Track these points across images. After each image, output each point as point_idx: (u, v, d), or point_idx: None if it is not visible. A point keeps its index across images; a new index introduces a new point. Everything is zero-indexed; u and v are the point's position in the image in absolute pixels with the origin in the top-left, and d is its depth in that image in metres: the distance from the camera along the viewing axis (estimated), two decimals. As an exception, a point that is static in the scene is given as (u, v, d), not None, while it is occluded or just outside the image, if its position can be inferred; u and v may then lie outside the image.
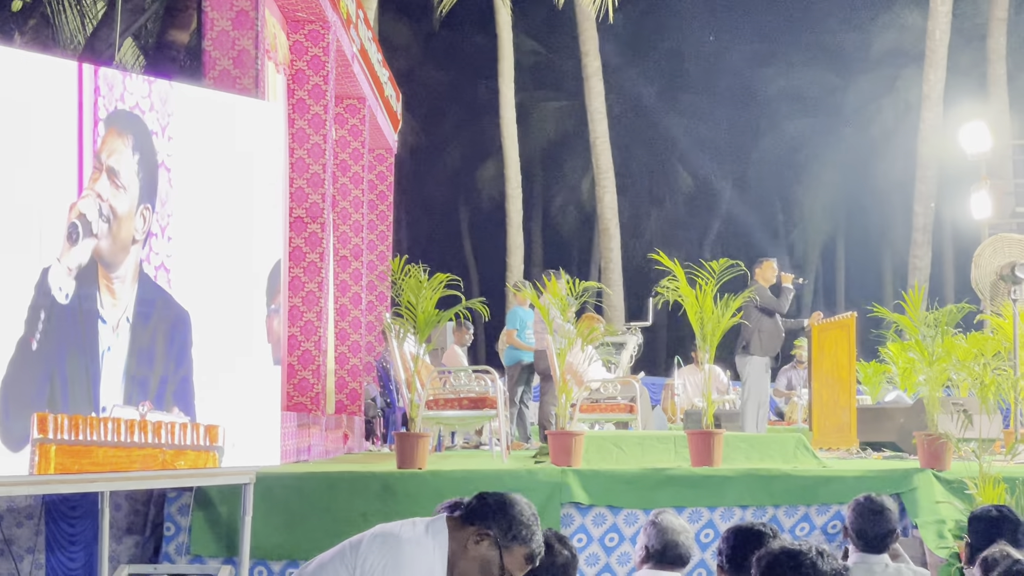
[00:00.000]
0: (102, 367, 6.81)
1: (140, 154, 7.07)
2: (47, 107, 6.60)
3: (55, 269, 6.56)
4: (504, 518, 4.18)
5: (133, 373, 7.00)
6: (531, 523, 4.21)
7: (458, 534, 4.20)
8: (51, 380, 6.55)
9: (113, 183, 6.90)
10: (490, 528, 4.16)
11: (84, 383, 6.73)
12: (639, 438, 10.46)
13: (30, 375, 6.43)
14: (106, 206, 6.85)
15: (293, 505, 8.57)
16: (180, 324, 7.34)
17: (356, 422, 13.58)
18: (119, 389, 6.91)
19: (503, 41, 28.05)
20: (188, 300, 7.36)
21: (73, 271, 6.66)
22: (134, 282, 7.03)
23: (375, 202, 15.91)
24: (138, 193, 7.05)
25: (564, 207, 40.43)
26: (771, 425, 16.30)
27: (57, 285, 6.58)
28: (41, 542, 8.21)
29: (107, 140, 6.88)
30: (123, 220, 6.97)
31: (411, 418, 9.57)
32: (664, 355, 35.77)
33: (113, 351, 6.89)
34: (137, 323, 7.03)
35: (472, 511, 4.23)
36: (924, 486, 8.85)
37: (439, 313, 9.43)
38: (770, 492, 8.88)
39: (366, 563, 4.18)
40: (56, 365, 6.57)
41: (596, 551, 8.72)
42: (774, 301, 13.02)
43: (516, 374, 13.90)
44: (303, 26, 11.39)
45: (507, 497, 4.25)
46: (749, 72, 40.39)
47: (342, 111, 13.86)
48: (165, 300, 7.23)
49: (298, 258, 11.18)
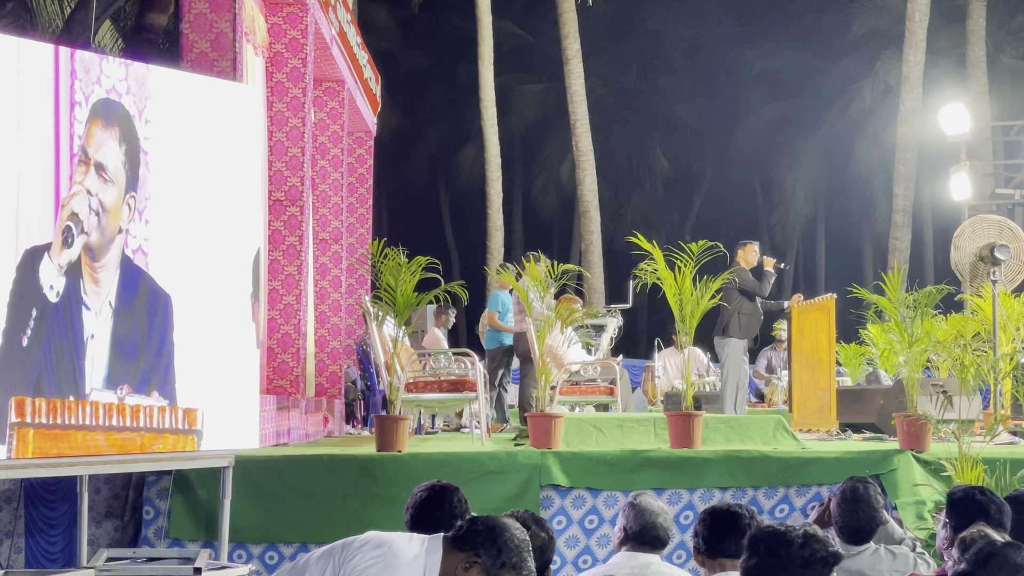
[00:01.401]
0: (87, 354, 6.80)
1: (126, 144, 7.06)
2: (23, 91, 6.56)
3: (46, 267, 6.55)
4: (493, 545, 4.13)
5: (117, 357, 6.98)
6: (521, 549, 4.17)
7: (450, 557, 4.15)
8: (39, 370, 6.53)
9: (101, 177, 6.89)
10: (479, 555, 4.13)
11: (71, 371, 6.71)
12: (619, 420, 10.48)
13: (19, 369, 6.41)
14: (95, 200, 6.86)
15: (272, 488, 8.57)
16: (162, 307, 7.32)
17: (336, 405, 13.58)
18: (104, 374, 6.89)
19: (483, 24, 27.98)
20: (166, 283, 7.34)
21: (64, 268, 6.65)
22: (117, 268, 7.01)
23: (355, 185, 15.88)
24: (124, 184, 7.05)
25: (544, 190, 40.41)
26: (751, 407, 16.34)
27: (48, 283, 6.58)
28: (20, 526, 8.19)
29: (92, 132, 6.84)
30: (111, 213, 6.97)
31: (391, 401, 9.57)
32: (644, 337, 35.83)
33: (97, 338, 6.87)
34: (120, 308, 7.02)
35: (463, 536, 4.17)
36: (903, 467, 8.89)
37: (418, 296, 9.43)
38: (750, 474, 8.91)
39: (354, 564, 4.14)
40: (44, 356, 6.56)
41: (576, 533, 8.74)
42: (755, 284, 13.01)
43: (497, 357, 13.90)
44: (281, 8, 11.35)
45: (498, 523, 4.20)
46: (729, 54, 40.40)
47: (321, 94, 13.82)
48: (147, 284, 7.21)
49: (277, 241, 11.15)
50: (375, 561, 4.12)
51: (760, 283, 13.08)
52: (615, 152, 38.92)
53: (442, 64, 39.93)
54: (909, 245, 28.44)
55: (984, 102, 27.92)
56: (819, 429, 12.49)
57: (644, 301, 32.40)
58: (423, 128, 40.14)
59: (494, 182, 28.56)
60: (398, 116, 36.76)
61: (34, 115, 6.61)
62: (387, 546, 4.16)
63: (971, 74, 28.60)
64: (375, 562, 4.12)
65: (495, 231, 28.59)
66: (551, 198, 40.47)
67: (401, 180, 39.25)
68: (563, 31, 28.39)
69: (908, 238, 28.26)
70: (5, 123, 6.46)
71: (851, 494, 6.11)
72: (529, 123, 39.62)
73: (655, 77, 40.94)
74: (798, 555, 4.04)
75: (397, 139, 37.04)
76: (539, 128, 39.73)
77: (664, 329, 21.90)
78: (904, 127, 27.73)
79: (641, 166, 41.02)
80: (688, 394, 9.69)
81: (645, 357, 23.16)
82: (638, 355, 26.62)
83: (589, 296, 26.61)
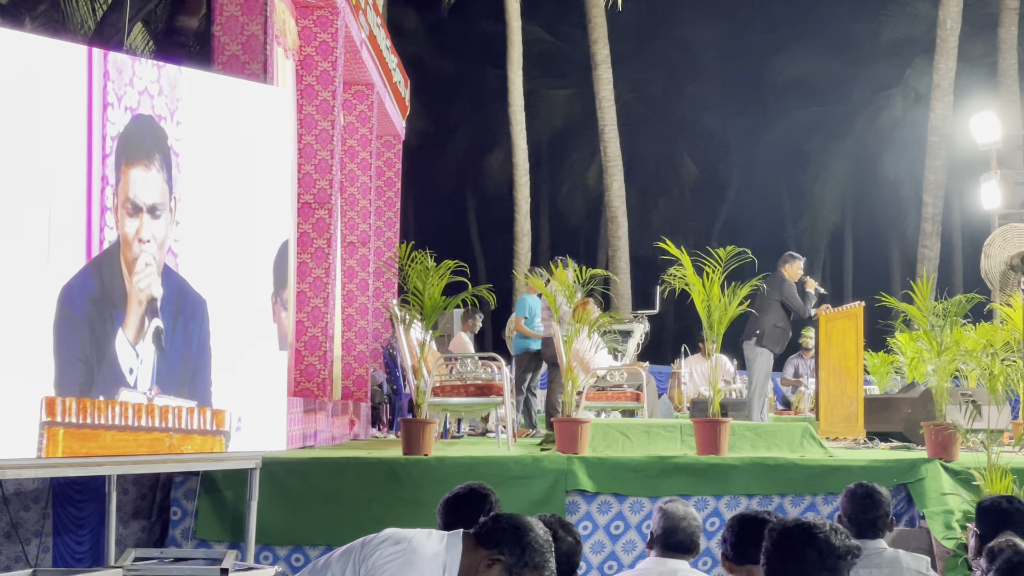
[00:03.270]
0: (114, 352, 6.83)
1: (159, 154, 7.11)
2: (57, 92, 6.60)
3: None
4: (518, 544, 4.10)
5: (146, 352, 7.01)
6: (544, 549, 4.14)
7: (472, 554, 4.11)
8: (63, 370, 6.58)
9: (154, 217, 7.02)
10: (503, 553, 4.11)
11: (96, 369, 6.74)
12: (645, 426, 10.46)
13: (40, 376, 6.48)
14: (155, 245, 6.99)
15: (298, 491, 8.59)
16: (200, 312, 7.35)
17: (362, 408, 13.59)
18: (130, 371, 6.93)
19: (512, 29, 27.97)
20: (195, 284, 7.37)
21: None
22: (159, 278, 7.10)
23: (383, 189, 15.91)
24: (169, 199, 7.12)
25: (571, 195, 40.35)
26: (777, 414, 16.30)
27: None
28: (48, 525, 8.22)
29: (131, 176, 6.90)
30: (164, 243, 7.08)
31: (417, 404, 9.57)
32: (670, 344, 35.74)
33: (126, 333, 6.90)
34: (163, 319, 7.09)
35: (486, 534, 4.15)
36: (932, 476, 8.85)
37: (446, 300, 9.43)
38: (776, 481, 8.89)
39: (374, 560, 4.14)
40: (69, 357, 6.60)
41: (601, 539, 8.73)
42: (800, 304, 12.90)
43: (524, 362, 13.89)
44: (312, 12, 11.38)
45: (522, 521, 4.17)
46: (758, 61, 40.28)
47: (350, 97, 13.85)
48: (184, 290, 7.25)
49: (305, 244, 11.18)
50: (394, 557, 4.10)
51: (804, 304, 12.99)
52: (642, 158, 38.85)
53: (470, 68, 39.93)
54: (938, 254, 28.32)
55: (1015, 110, 27.76)
56: (846, 437, 12.44)
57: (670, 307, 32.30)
58: (451, 132, 40.16)
59: (522, 187, 28.55)
60: (426, 120, 36.78)
61: (67, 115, 6.65)
62: (407, 542, 4.13)
63: (1002, 82, 28.44)
64: (394, 558, 4.10)
65: (522, 236, 28.58)
66: (578, 203, 40.42)
67: (429, 184, 39.26)
68: (592, 36, 28.38)
69: (937, 247, 28.14)
70: (38, 122, 6.50)
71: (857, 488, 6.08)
72: (556, 128, 39.57)
73: (683, 83, 40.85)
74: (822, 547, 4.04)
75: (425, 143, 37.06)
76: (566, 133, 39.69)
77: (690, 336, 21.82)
78: (934, 135, 27.61)
79: (668, 172, 40.94)
80: (715, 401, 9.67)
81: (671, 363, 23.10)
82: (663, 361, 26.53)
83: (616, 302, 26.56)
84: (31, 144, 6.46)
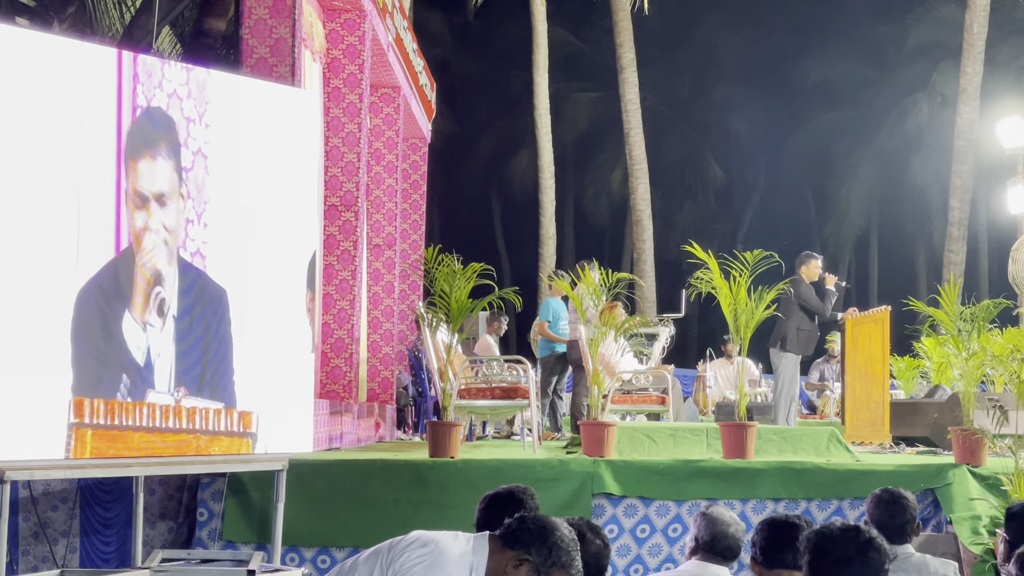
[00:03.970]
0: (139, 353, 6.85)
1: (169, 147, 7.08)
2: (86, 94, 6.63)
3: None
4: (544, 544, 4.12)
5: (172, 354, 7.04)
6: (571, 549, 4.15)
7: (498, 556, 4.14)
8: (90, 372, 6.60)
9: (162, 204, 7.00)
10: (530, 553, 4.12)
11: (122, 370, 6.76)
12: (671, 429, 10.45)
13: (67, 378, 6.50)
14: (164, 233, 6.98)
15: (325, 492, 8.60)
16: (218, 304, 7.36)
17: (387, 410, 13.61)
18: (158, 373, 6.95)
19: (538, 32, 27.99)
20: (224, 286, 7.39)
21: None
22: (175, 272, 7.08)
23: (408, 191, 15.94)
24: (177, 184, 7.10)
25: (596, 198, 40.35)
26: (803, 419, 16.25)
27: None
28: (76, 526, 8.25)
29: (137, 169, 6.86)
30: (175, 230, 7.08)
31: (443, 407, 9.58)
32: (695, 347, 35.70)
33: (151, 335, 6.92)
34: (181, 314, 7.10)
35: (513, 534, 4.16)
36: (959, 482, 8.82)
37: (472, 302, 9.44)
38: (803, 485, 8.87)
39: (401, 563, 4.15)
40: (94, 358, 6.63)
41: (627, 542, 8.72)
42: (818, 304, 12.84)
43: (550, 364, 13.89)
44: (339, 15, 11.41)
45: (548, 522, 4.19)
46: (783, 65, 40.21)
47: (377, 100, 13.88)
48: (203, 283, 7.26)
49: (332, 246, 11.20)
50: (421, 559, 4.13)
51: (823, 303, 12.92)
52: (667, 161, 38.81)
53: (496, 71, 39.96)
54: (964, 258, 28.20)
55: (1042, 115, 27.66)
56: (872, 442, 12.40)
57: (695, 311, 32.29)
58: (476, 135, 40.18)
59: (547, 190, 28.56)
60: (451, 123, 36.82)
61: (97, 117, 6.68)
62: (433, 544, 4.17)
63: (1029, 87, 28.36)
64: (421, 560, 4.13)
65: (547, 239, 28.59)
66: (603, 206, 40.43)
67: (454, 187, 39.30)
68: (618, 40, 28.36)
69: (963, 251, 28.03)
70: (68, 125, 6.53)
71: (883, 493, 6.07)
72: (581, 131, 39.57)
73: (709, 86, 40.80)
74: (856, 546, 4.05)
75: (450, 146, 37.09)
76: (591, 136, 39.68)
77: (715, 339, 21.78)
78: (961, 139, 27.50)
79: (693, 175, 40.89)
80: (741, 404, 9.66)
81: (695, 367, 23.07)
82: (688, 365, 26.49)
83: (641, 305, 26.54)
84: (61, 146, 6.49)
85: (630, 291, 25.45)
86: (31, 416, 6.31)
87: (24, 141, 6.34)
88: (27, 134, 6.35)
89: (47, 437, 6.37)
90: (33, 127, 6.38)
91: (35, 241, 6.36)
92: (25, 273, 6.31)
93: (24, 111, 6.35)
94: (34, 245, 6.35)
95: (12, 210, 6.28)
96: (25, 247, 6.31)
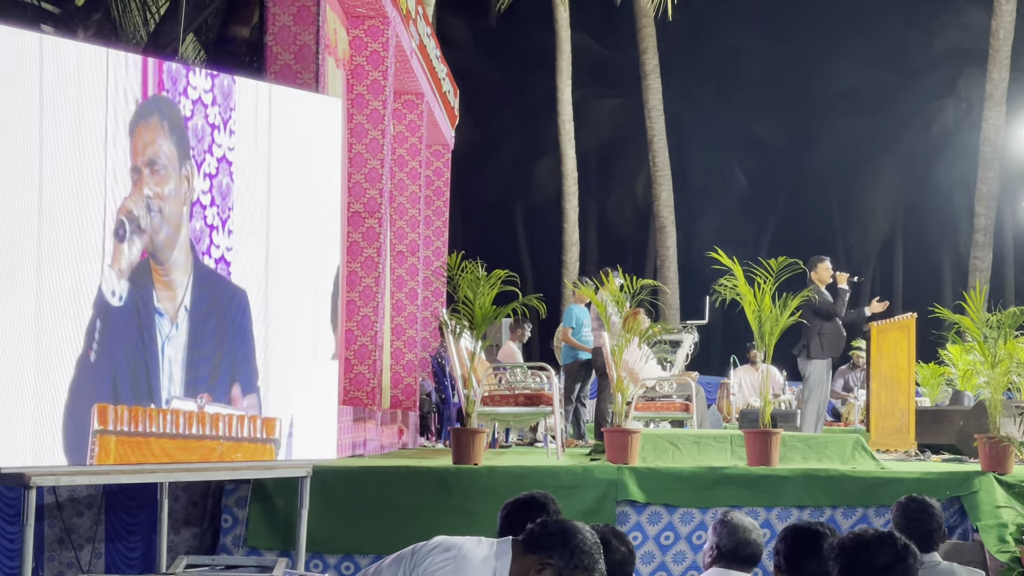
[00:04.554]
0: (161, 360, 6.86)
1: (175, 135, 7.03)
2: (112, 100, 6.65)
3: (106, 274, 6.60)
4: (566, 548, 4.11)
5: (194, 360, 7.04)
6: (593, 552, 4.15)
7: (521, 560, 4.14)
8: (112, 380, 6.60)
9: (155, 173, 6.89)
10: (552, 558, 4.12)
11: (144, 377, 6.77)
12: (695, 437, 10.42)
13: (90, 385, 6.48)
14: (155, 201, 6.87)
15: (349, 499, 8.60)
16: (238, 304, 7.36)
17: (411, 417, 13.61)
18: (182, 379, 6.96)
19: (561, 38, 27.97)
20: (249, 294, 7.40)
21: (125, 272, 6.69)
22: (187, 270, 7.06)
23: (431, 198, 15.94)
24: (177, 162, 7.02)
25: (619, 205, 40.32)
26: (827, 426, 16.21)
27: (110, 290, 6.62)
28: (101, 532, 8.27)
29: (135, 143, 6.81)
30: (171, 200, 6.97)
31: (467, 414, 9.57)
32: (719, 354, 35.62)
33: (173, 342, 6.93)
34: (195, 310, 7.08)
35: (535, 539, 4.16)
36: (985, 489, 8.77)
37: (496, 309, 9.43)
38: (828, 493, 8.83)
39: (424, 568, 4.15)
40: (117, 366, 6.62)
41: (651, 549, 8.70)
42: (830, 305, 12.80)
43: (573, 371, 13.88)
44: (363, 21, 11.42)
45: (569, 525, 4.18)
46: (808, 71, 40.10)
47: (400, 107, 13.89)
48: (221, 283, 7.26)
49: (355, 253, 11.21)
50: (445, 564, 4.13)
51: (835, 303, 12.88)
52: (691, 168, 38.75)
53: (519, 78, 39.94)
54: (990, 265, 28.07)
55: (1069, 121, 27.56)
56: (897, 449, 12.35)
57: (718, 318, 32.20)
58: (499, 141, 40.18)
59: (570, 196, 28.53)
60: (474, 129, 36.81)
61: (122, 124, 6.69)
62: (457, 549, 4.16)
63: (1055, 92, 28.23)
64: (445, 565, 4.13)
65: (571, 246, 28.56)
66: (626, 213, 40.38)
67: (477, 193, 39.28)
68: (641, 46, 28.34)
69: (989, 258, 27.90)
70: (95, 131, 6.55)
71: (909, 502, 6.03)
72: (605, 138, 39.53)
73: (732, 93, 40.71)
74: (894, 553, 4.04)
75: (473, 152, 37.08)
76: (614, 143, 39.64)
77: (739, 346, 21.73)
78: (987, 146, 27.38)
79: (717, 182, 40.82)
80: (766, 412, 9.62)
81: (719, 374, 23.03)
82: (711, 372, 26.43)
83: (665, 312, 26.49)
84: (87, 152, 6.51)
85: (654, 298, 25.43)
86: (55, 422, 6.32)
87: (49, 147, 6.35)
88: (51, 139, 6.37)
89: (71, 443, 6.38)
90: (58, 132, 6.39)
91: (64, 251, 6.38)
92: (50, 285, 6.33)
93: (50, 117, 6.36)
94: (61, 252, 6.37)
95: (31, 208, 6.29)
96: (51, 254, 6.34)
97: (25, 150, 6.25)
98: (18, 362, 6.20)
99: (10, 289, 6.18)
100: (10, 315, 6.18)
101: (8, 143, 6.19)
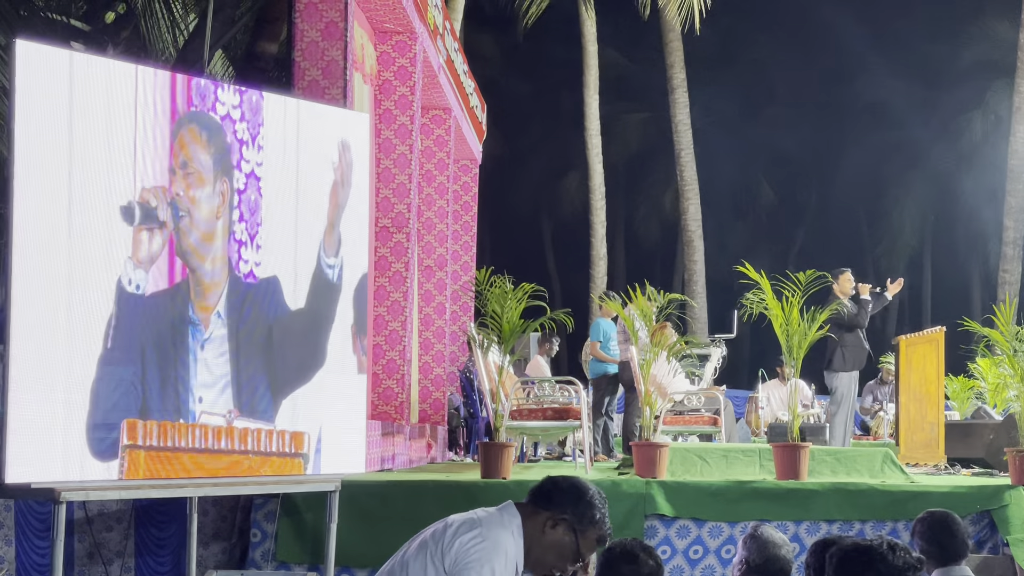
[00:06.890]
0: (193, 370, 6.88)
1: (214, 147, 7.07)
2: (140, 115, 6.69)
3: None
4: (579, 503, 4.21)
5: (224, 373, 7.07)
6: (602, 506, 4.27)
7: (533, 519, 4.20)
8: (141, 384, 6.62)
9: (186, 174, 6.93)
10: (565, 512, 4.18)
11: (172, 388, 6.80)
12: (724, 451, 10.40)
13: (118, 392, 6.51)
14: (183, 201, 6.89)
15: (378, 513, 8.61)
16: (270, 323, 7.38)
17: (439, 432, 13.62)
18: (209, 392, 6.98)
19: (588, 53, 28.00)
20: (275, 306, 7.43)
21: (144, 263, 6.68)
22: (221, 282, 7.09)
23: (459, 212, 15.97)
24: (212, 173, 7.07)
25: (647, 219, 40.29)
26: (856, 440, 16.14)
27: (127, 278, 6.61)
28: (131, 546, 8.31)
29: (174, 148, 6.89)
30: (202, 206, 7.00)
31: (496, 428, 9.57)
32: (747, 368, 35.52)
33: (204, 351, 6.95)
34: (227, 323, 7.11)
35: (546, 495, 4.24)
36: (1016, 503, 8.72)
37: (524, 323, 9.44)
38: (857, 506, 8.80)
39: (456, 549, 4.16)
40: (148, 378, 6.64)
41: (680, 563, 8.68)
42: (852, 316, 12.74)
43: (602, 386, 13.86)
44: (390, 37, 11.47)
45: (578, 481, 4.29)
46: (834, 84, 40.03)
47: (428, 121, 13.93)
48: (251, 296, 7.27)
49: (383, 268, 11.24)
50: (476, 540, 4.16)
51: (857, 315, 12.81)
52: (718, 182, 38.66)
53: (546, 92, 39.99)
54: (1019, 278, 27.94)
55: (1097, 133, 27.38)
56: (926, 463, 12.30)
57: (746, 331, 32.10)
58: (527, 156, 40.21)
59: (598, 211, 28.54)
60: (502, 144, 36.84)
61: (152, 140, 6.74)
62: (479, 524, 4.21)
63: (1084, 104, 28.03)
64: (477, 541, 4.16)
65: (598, 260, 28.56)
66: (654, 227, 40.34)
67: (504, 208, 39.31)
68: (668, 60, 28.35)
69: (1018, 271, 27.77)
70: (124, 146, 6.59)
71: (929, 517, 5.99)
72: (632, 152, 39.53)
73: (759, 106, 40.67)
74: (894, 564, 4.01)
75: (500, 167, 37.12)
76: (642, 157, 39.63)
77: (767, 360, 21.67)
78: (1015, 158, 27.28)
79: (745, 196, 40.77)
80: (795, 425, 9.59)
81: (747, 388, 22.96)
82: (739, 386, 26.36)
83: (693, 326, 26.44)
84: (118, 170, 6.55)
85: (681, 312, 25.40)
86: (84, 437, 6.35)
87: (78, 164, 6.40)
88: (80, 156, 6.41)
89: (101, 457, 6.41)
90: (86, 149, 6.44)
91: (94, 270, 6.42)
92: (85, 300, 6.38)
93: (80, 134, 6.40)
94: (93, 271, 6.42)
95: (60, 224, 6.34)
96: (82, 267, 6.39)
97: (55, 167, 6.30)
98: (49, 374, 6.23)
99: (42, 304, 6.22)
100: (42, 329, 6.22)
101: (38, 159, 6.23)
